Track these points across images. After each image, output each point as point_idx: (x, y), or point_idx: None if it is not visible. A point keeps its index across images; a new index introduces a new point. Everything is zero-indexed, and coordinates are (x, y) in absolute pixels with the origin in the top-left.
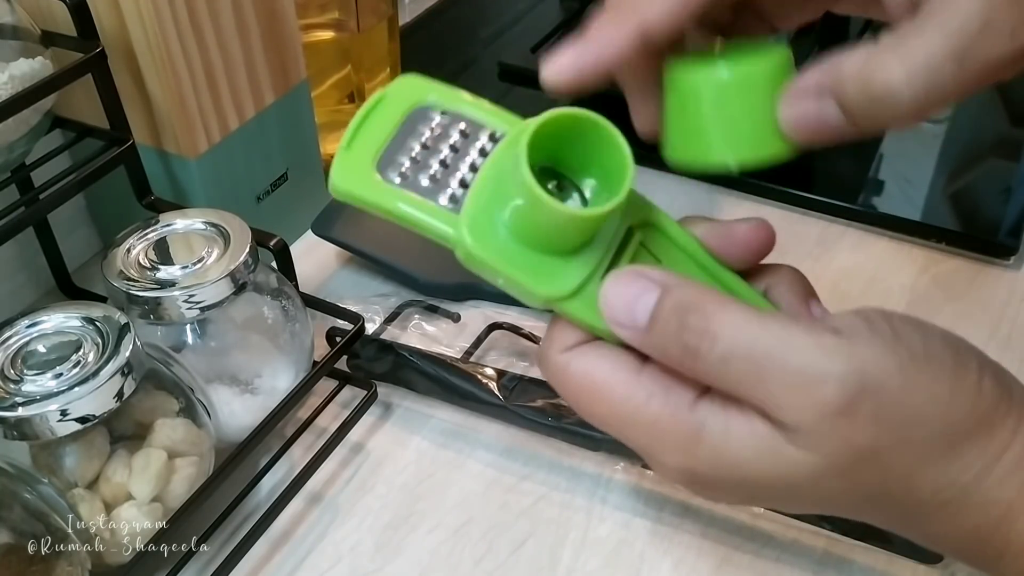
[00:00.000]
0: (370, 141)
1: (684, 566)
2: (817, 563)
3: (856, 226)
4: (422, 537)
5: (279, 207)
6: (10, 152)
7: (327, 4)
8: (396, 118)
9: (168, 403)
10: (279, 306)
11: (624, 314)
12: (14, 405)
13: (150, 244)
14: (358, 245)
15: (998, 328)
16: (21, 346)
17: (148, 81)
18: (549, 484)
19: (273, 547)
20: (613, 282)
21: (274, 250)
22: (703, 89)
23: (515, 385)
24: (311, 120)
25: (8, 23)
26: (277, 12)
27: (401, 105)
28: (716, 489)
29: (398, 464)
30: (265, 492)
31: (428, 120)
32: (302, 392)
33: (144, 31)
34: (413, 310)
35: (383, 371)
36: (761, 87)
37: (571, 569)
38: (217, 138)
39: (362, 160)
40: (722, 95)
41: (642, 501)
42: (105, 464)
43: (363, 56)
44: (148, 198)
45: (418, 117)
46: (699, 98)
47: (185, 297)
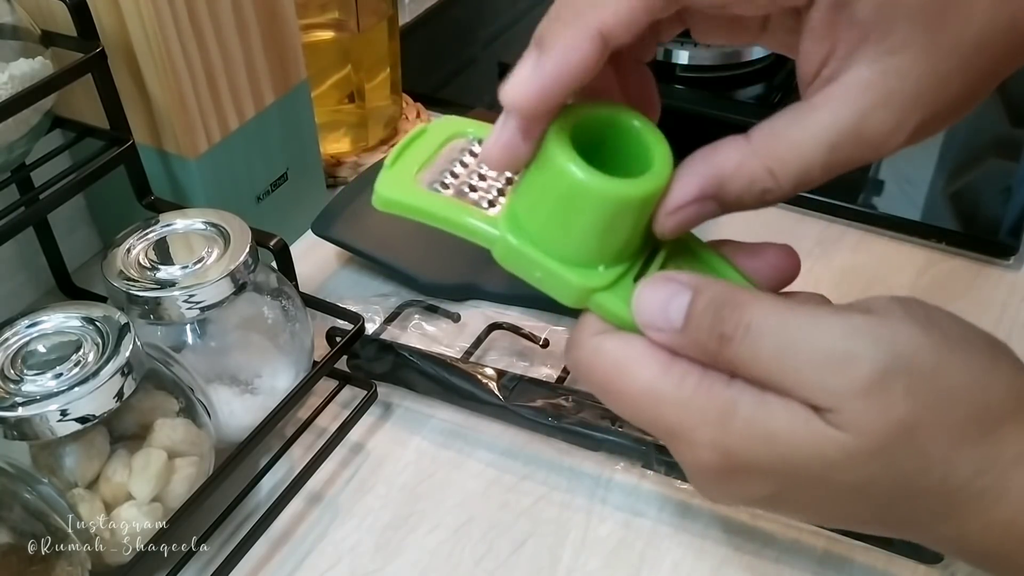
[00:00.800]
0: (412, 161)
1: (684, 566)
2: (817, 563)
3: (856, 226)
4: (422, 537)
5: (279, 207)
6: (10, 152)
7: (327, 4)
8: (436, 144)
9: (168, 403)
10: (279, 306)
11: (659, 316)
12: (14, 405)
13: (150, 244)
14: (358, 245)
15: (998, 328)
16: (21, 346)
17: (148, 81)
18: (549, 484)
19: (273, 547)
20: (645, 287)
21: (274, 250)
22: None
23: (515, 385)
24: (311, 120)
25: (8, 23)
26: (277, 12)
27: (441, 135)
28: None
29: (398, 464)
30: (265, 492)
31: (466, 146)
32: (302, 392)
33: (144, 31)
34: (413, 310)
35: (383, 371)
36: (640, 210)
37: (571, 569)
38: (217, 138)
39: (404, 174)
40: (606, 210)
41: (642, 501)
42: (105, 464)
43: (363, 56)
44: (148, 198)
45: (457, 144)
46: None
47: (185, 297)
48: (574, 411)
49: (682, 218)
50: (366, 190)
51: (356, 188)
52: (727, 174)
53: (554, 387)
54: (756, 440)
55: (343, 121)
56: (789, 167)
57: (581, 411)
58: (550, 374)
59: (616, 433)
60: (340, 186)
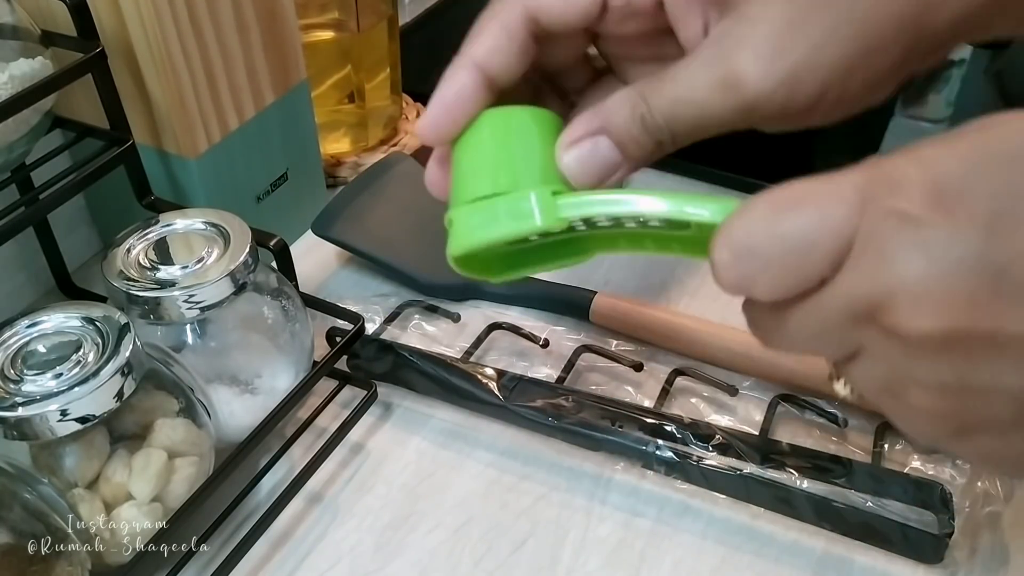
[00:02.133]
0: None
1: (684, 566)
2: (817, 563)
3: None
4: (422, 537)
5: (279, 207)
6: (10, 152)
7: (327, 4)
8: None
9: (168, 403)
10: (279, 306)
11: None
12: (14, 405)
13: (150, 244)
14: (358, 245)
15: None
16: (21, 346)
17: (148, 81)
18: (549, 484)
19: (273, 547)
20: (565, 151)
21: (274, 250)
22: (487, 126)
23: (515, 385)
24: (311, 120)
25: (8, 23)
26: (277, 12)
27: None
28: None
29: (398, 464)
30: (265, 492)
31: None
32: (302, 392)
33: (144, 31)
34: (413, 310)
35: (383, 371)
36: (535, 133)
37: (571, 569)
38: (217, 138)
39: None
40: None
41: (642, 501)
42: (105, 464)
43: (363, 56)
44: (148, 198)
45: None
46: (483, 134)
47: (185, 297)
48: (574, 411)
49: (579, 153)
50: (366, 190)
51: (356, 188)
52: (609, 107)
53: (554, 387)
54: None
55: (343, 121)
56: (662, 94)
57: (581, 411)
58: (550, 374)
59: (616, 433)
60: (340, 186)
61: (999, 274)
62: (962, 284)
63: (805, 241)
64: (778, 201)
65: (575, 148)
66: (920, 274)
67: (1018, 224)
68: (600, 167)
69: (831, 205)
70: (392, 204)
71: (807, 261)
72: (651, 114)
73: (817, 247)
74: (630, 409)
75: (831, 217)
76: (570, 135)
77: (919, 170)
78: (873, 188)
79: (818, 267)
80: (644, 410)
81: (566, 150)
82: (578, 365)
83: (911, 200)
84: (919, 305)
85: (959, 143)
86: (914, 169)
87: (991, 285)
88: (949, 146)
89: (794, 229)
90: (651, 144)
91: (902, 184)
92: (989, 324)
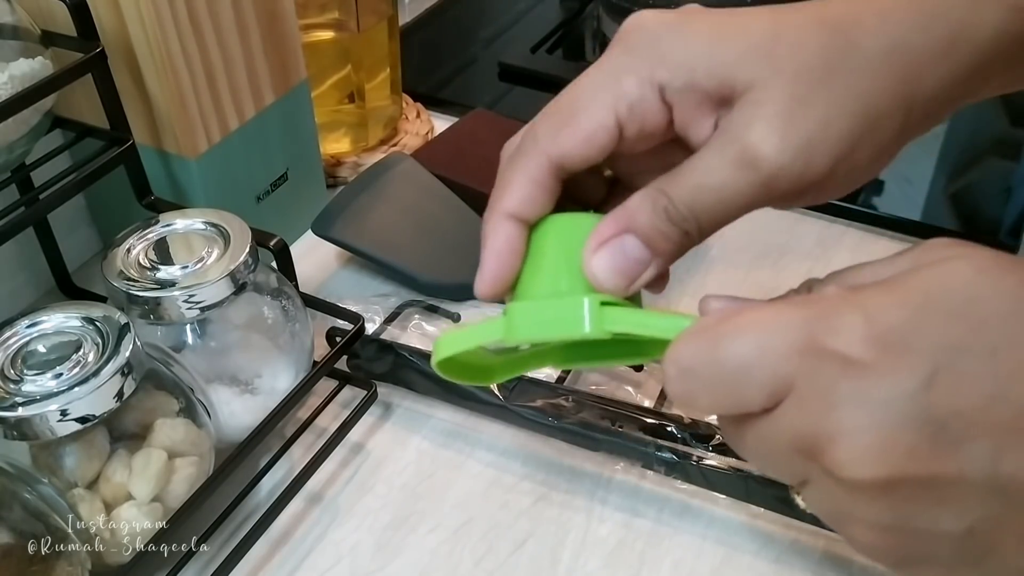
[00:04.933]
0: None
1: (684, 566)
2: (817, 563)
3: (856, 226)
4: (422, 537)
5: (279, 207)
6: (10, 152)
7: (327, 4)
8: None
9: (168, 403)
10: (279, 306)
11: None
12: (14, 405)
13: (150, 244)
14: (358, 245)
15: None
16: (21, 346)
17: (148, 81)
18: (549, 484)
19: (273, 547)
20: (593, 255)
21: (274, 250)
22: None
23: (515, 385)
24: (311, 120)
25: (8, 23)
26: (277, 12)
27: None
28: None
29: (398, 464)
30: (265, 492)
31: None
32: (302, 392)
33: (144, 31)
34: (413, 310)
35: (383, 371)
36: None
37: (571, 569)
38: (217, 138)
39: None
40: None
41: (642, 501)
42: (105, 464)
43: (363, 56)
44: (148, 198)
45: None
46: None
47: (185, 297)
48: (574, 411)
49: (607, 255)
50: (366, 190)
51: (356, 188)
52: (631, 206)
53: (554, 387)
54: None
55: (343, 121)
56: (681, 184)
57: (581, 411)
58: (550, 374)
59: (616, 433)
60: (340, 186)
61: (939, 428)
62: (902, 436)
63: (740, 370)
64: (722, 326)
65: (603, 250)
66: (861, 423)
67: (958, 380)
68: (629, 267)
69: (771, 337)
70: (392, 204)
71: (741, 388)
72: (673, 205)
73: (752, 377)
74: (630, 409)
75: (770, 350)
76: (596, 239)
77: (862, 318)
78: (817, 326)
79: (754, 395)
80: (644, 410)
81: (594, 253)
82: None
83: (851, 346)
84: (860, 453)
85: (902, 290)
86: (858, 317)
87: (930, 437)
88: (892, 293)
89: (731, 356)
90: (678, 235)
91: (844, 330)
92: (927, 473)
